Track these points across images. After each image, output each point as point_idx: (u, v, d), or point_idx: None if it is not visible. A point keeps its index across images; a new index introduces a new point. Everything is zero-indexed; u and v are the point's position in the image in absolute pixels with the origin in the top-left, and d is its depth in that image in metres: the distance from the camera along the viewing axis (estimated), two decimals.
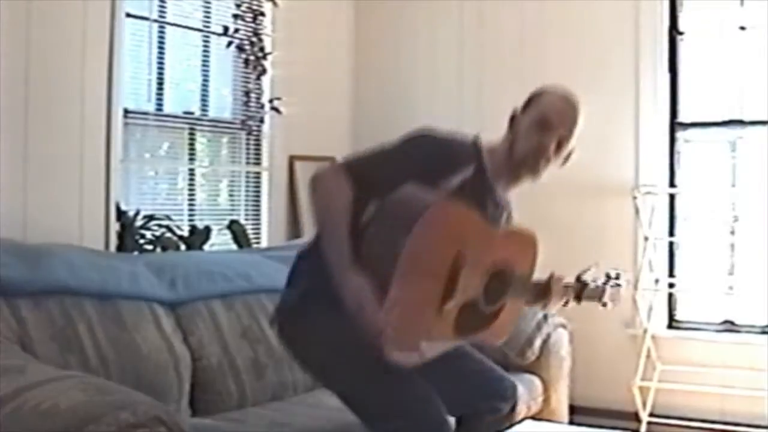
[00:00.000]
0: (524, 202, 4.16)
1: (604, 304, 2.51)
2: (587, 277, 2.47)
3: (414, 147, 2.26)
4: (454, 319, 2.15)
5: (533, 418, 3.26)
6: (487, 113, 4.29)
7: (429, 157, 2.23)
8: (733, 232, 4.06)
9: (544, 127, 2.30)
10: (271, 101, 4.11)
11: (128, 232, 3.38)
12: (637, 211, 3.98)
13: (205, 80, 4.00)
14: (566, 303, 2.46)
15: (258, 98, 4.08)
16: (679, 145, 4.10)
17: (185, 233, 3.64)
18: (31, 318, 2.43)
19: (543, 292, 2.40)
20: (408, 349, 2.10)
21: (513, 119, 2.37)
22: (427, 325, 2.11)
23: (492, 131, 2.34)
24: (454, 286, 2.11)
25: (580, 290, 2.46)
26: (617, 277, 2.54)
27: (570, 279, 2.46)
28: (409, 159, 2.22)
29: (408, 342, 2.10)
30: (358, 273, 2.06)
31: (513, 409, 2.52)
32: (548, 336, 3.53)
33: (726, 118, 4.06)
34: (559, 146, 2.32)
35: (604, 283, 2.49)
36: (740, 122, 4.03)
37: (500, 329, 2.32)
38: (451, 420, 2.29)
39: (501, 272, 2.25)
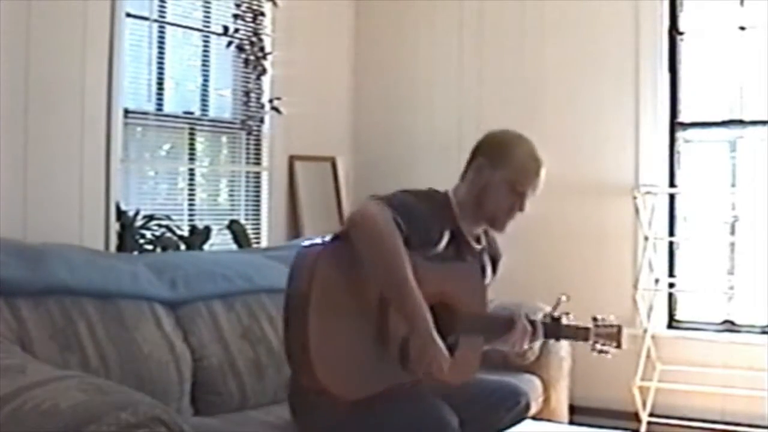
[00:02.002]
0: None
1: (600, 351, 2.47)
2: (560, 314, 2.46)
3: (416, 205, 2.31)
4: (398, 351, 2.22)
5: (533, 418, 3.26)
6: (486, 113, 4.30)
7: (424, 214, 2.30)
8: (733, 232, 4.06)
9: (516, 191, 2.37)
10: (271, 101, 4.10)
11: (128, 232, 3.37)
12: (637, 211, 3.98)
13: (205, 80, 4.00)
14: (533, 339, 2.44)
15: (258, 98, 4.08)
16: (679, 145, 4.10)
17: (185, 233, 3.63)
18: (31, 318, 2.42)
19: (504, 327, 2.40)
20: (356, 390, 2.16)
21: (479, 167, 2.40)
22: (365, 362, 2.19)
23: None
24: (386, 320, 2.20)
25: (555, 329, 2.46)
26: (603, 321, 2.49)
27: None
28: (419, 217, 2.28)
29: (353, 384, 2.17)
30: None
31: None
32: None
33: (726, 118, 4.07)
34: (526, 198, 2.40)
35: (587, 327, 2.47)
36: (740, 122, 4.03)
37: (459, 367, 2.30)
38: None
39: (445, 305, 2.29)
